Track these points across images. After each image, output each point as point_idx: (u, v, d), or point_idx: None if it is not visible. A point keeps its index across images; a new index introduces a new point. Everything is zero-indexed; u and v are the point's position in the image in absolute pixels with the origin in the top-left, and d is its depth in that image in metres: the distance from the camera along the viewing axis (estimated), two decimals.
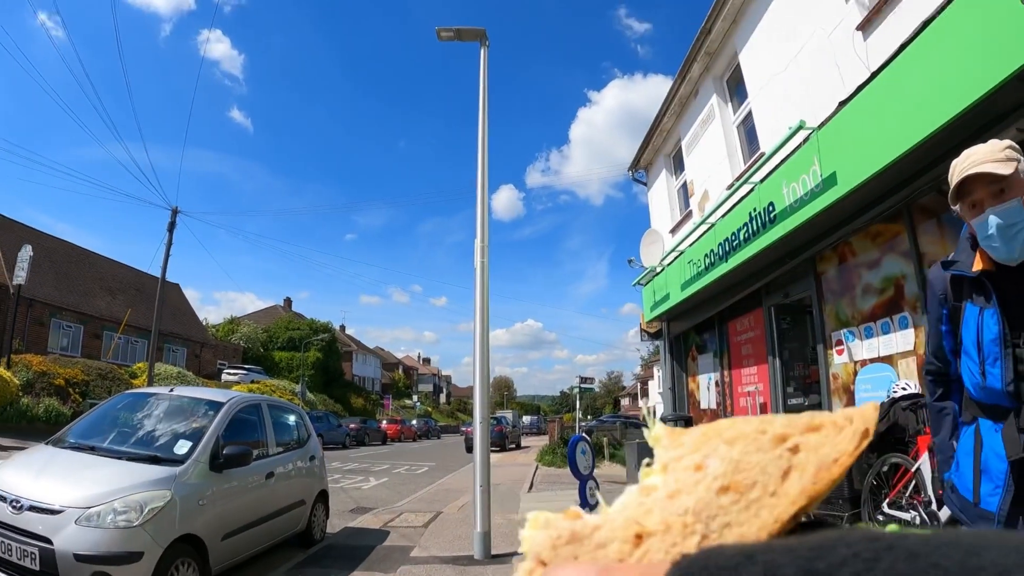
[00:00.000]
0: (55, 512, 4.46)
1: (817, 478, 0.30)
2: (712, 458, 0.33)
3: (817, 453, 0.31)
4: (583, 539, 0.31)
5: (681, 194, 14.83)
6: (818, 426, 0.33)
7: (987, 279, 2.10)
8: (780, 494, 0.30)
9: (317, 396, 47.52)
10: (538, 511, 0.35)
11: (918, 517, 5.41)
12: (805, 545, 0.24)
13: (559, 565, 0.29)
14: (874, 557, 0.22)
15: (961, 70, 5.19)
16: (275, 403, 7.78)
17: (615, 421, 37.18)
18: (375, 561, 6.86)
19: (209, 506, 5.38)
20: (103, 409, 6.40)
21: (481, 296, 7.51)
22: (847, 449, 0.31)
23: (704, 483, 0.32)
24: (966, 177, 2.08)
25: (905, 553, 0.22)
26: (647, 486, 0.34)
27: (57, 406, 20.17)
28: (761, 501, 0.30)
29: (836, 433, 0.32)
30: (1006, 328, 2.05)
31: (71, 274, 32.98)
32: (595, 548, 0.31)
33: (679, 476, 0.33)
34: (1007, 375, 2.03)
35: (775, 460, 0.32)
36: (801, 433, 0.33)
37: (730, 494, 0.31)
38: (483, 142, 8.15)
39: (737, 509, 0.30)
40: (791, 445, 0.32)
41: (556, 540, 0.31)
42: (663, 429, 0.37)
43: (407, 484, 15.64)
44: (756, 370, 11.00)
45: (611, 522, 0.32)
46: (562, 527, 0.32)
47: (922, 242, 6.82)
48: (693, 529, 0.30)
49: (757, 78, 10.15)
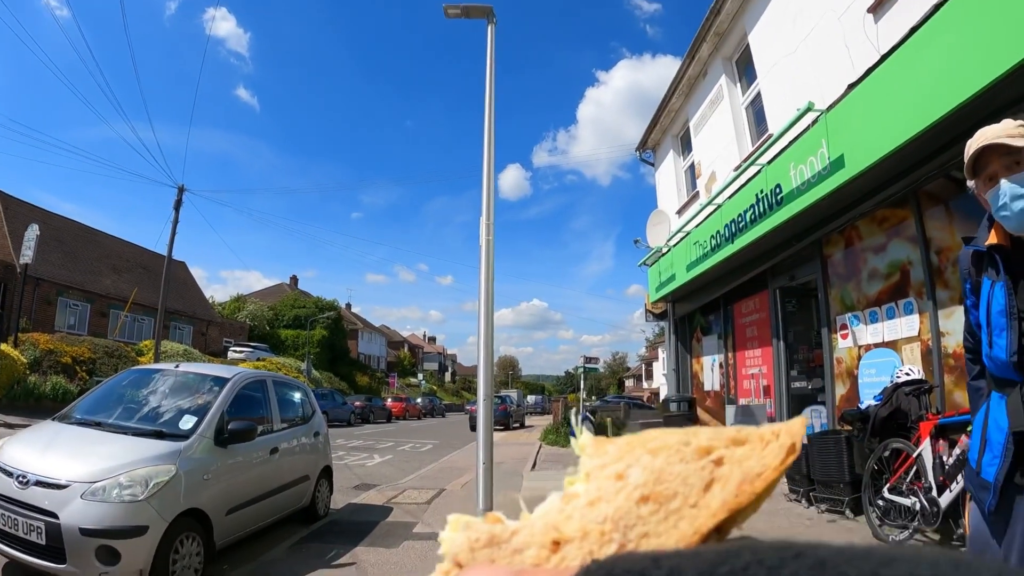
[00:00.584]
0: (61, 487, 4.50)
1: (740, 491, 0.30)
2: (635, 468, 0.33)
3: (741, 466, 0.31)
4: (501, 543, 0.32)
5: (688, 175, 14.77)
6: (744, 440, 0.33)
7: (998, 253, 2.16)
8: (701, 506, 0.30)
9: (323, 374, 47.70)
10: (458, 514, 0.35)
11: (918, 503, 5.42)
12: (712, 551, 0.24)
13: (473, 567, 0.29)
14: (779, 564, 0.22)
15: (972, 55, 5.14)
16: (280, 379, 7.80)
17: (619, 402, 37.30)
18: (378, 537, 6.91)
19: (213, 481, 5.42)
20: (109, 385, 6.44)
21: (486, 274, 7.50)
22: (772, 464, 0.31)
23: (625, 492, 0.32)
24: (982, 148, 2.14)
25: (813, 561, 0.22)
26: (569, 493, 0.34)
27: (64, 384, 20.24)
28: (681, 512, 0.30)
29: (762, 447, 0.32)
30: (1013, 300, 2.10)
31: (78, 253, 33.02)
32: (512, 553, 0.31)
33: (601, 484, 0.33)
34: (1012, 346, 2.08)
35: (698, 472, 0.32)
36: (726, 446, 0.33)
37: (650, 504, 0.31)
38: (489, 121, 8.10)
39: (656, 519, 0.30)
40: (715, 457, 0.32)
41: (474, 543, 0.32)
42: (588, 438, 0.37)
43: (411, 461, 15.73)
44: (760, 352, 11.00)
45: (530, 527, 0.32)
46: (481, 530, 0.32)
47: (929, 228, 6.79)
48: (611, 537, 0.30)
49: (766, 59, 10.07)
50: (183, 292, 40.68)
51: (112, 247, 37.45)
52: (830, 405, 8.70)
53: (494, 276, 7.69)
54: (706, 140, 13.02)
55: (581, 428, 0.39)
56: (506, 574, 0.27)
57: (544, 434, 22.78)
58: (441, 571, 0.32)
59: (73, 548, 4.31)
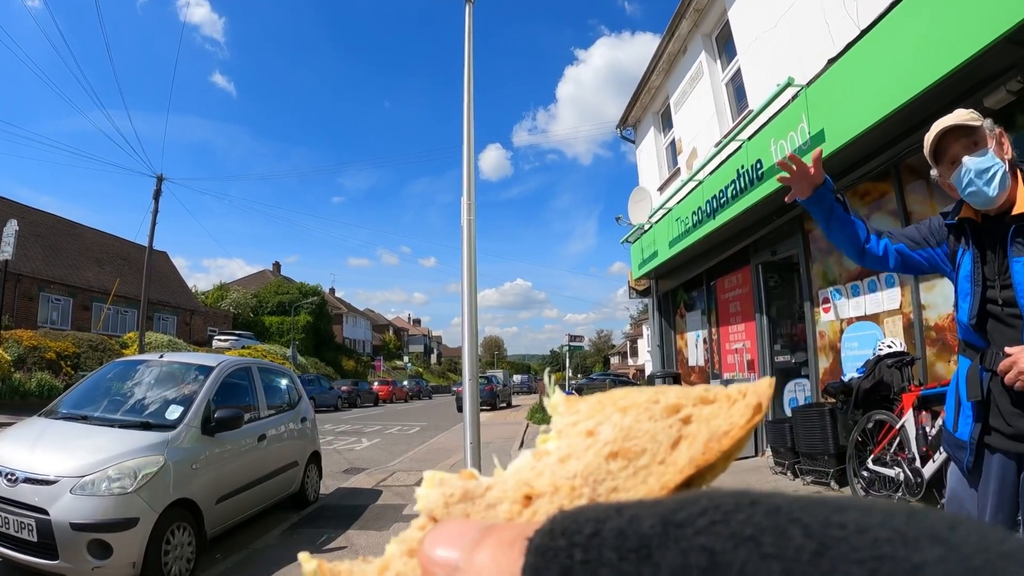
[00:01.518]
0: (50, 482, 4.48)
1: (707, 448, 0.31)
2: (605, 425, 0.33)
3: (708, 424, 0.32)
4: (475, 498, 0.32)
5: (669, 152, 14.77)
6: (712, 399, 0.34)
7: (969, 226, 2.28)
8: (668, 463, 0.31)
9: (308, 359, 47.59)
10: (434, 471, 0.35)
11: (902, 473, 5.51)
12: (671, 499, 0.25)
13: (447, 522, 0.30)
14: (734, 508, 0.23)
15: (951, 30, 5.15)
16: (265, 366, 7.79)
17: (605, 379, 37.53)
18: (368, 520, 6.95)
19: (202, 470, 5.42)
20: (94, 379, 6.40)
21: (468, 255, 7.49)
22: (739, 422, 0.32)
23: (594, 448, 0.32)
24: (943, 131, 2.26)
25: (768, 507, 0.22)
26: (541, 451, 0.35)
27: (49, 380, 20.11)
28: (649, 468, 0.31)
29: (729, 406, 0.33)
30: (979, 267, 2.22)
31: (58, 247, 32.66)
32: (486, 508, 0.32)
33: (571, 441, 0.34)
34: (972, 309, 2.20)
35: (666, 429, 0.32)
36: (694, 404, 0.33)
37: (619, 460, 0.31)
38: (468, 101, 8.06)
39: (625, 475, 0.31)
40: (683, 416, 0.33)
41: (449, 498, 0.32)
42: (560, 397, 0.38)
43: (399, 444, 15.78)
44: (744, 327, 11.07)
45: (503, 483, 0.33)
46: (456, 486, 0.33)
47: (909, 201, 6.83)
48: (581, 492, 0.31)
49: (746, 35, 10.05)
50: (165, 282, 40.40)
51: (92, 239, 37.06)
52: (814, 378, 8.79)
53: (477, 256, 7.70)
54: (687, 117, 13.01)
55: (554, 387, 0.39)
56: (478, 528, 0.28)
57: (531, 413, 22.87)
58: (416, 526, 0.32)
59: (65, 543, 4.30)
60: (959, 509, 2.26)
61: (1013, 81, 5.11)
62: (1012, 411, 2.08)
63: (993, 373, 2.11)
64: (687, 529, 0.22)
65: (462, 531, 0.28)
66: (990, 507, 2.13)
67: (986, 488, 2.15)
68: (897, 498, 5.63)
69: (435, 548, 0.28)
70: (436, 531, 0.29)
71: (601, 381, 33.46)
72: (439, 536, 0.28)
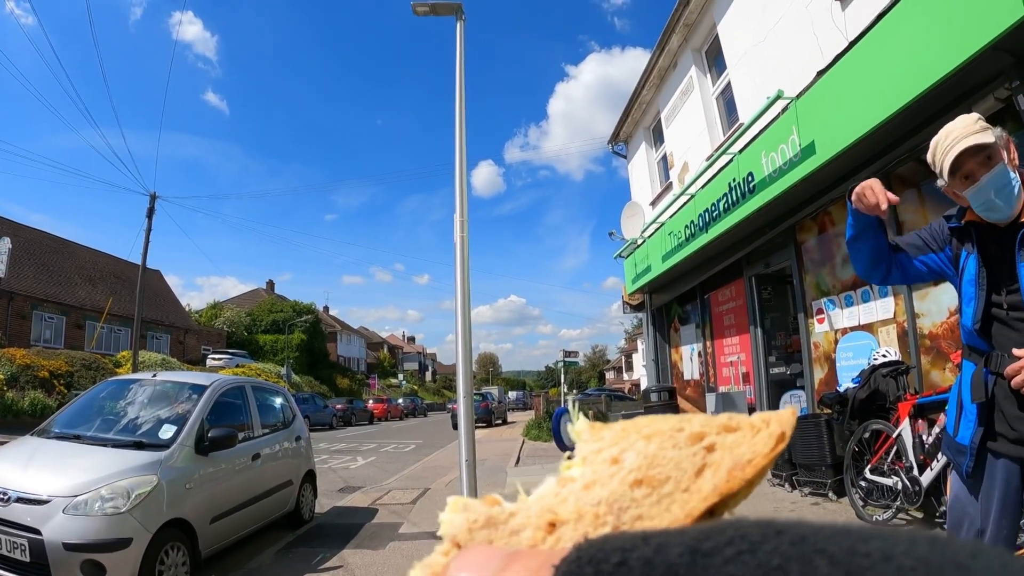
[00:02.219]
0: (42, 502, 4.43)
1: (731, 476, 0.31)
2: (629, 452, 0.34)
3: (732, 453, 0.32)
4: (499, 524, 0.32)
5: (661, 166, 14.84)
6: (735, 427, 0.34)
7: (974, 229, 2.27)
8: (693, 490, 0.31)
9: (303, 378, 47.41)
10: (457, 496, 0.36)
11: (900, 482, 5.50)
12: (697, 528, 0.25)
13: (471, 547, 0.30)
14: (761, 539, 0.23)
15: (938, 40, 5.20)
16: (259, 385, 7.76)
17: (600, 394, 37.42)
18: (364, 538, 6.90)
19: (196, 490, 5.37)
20: (87, 398, 6.36)
21: (461, 272, 7.50)
22: (762, 451, 0.32)
23: (619, 476, 0.33)
24: (961, 152, 2.19)
25: (793, 537, 0.23)
26: (565, 477, 0.35)
27: (42, 399, 20.00)
28: (673, 496, 0.31)
29: (753, 434, 0.33)
30: (983, 271, 2.20)
31: (51, 265, 32.56)
32: (510, 534, 0.32)
33: (596, 468, 0.34)
34: (976, 314, 2.19)
35: (690, 457, 0.32)
36: (718, 433, 0.34)
37: (643, 488, 0.32)
38: (460, 118, 8.09)
39: (649, 502, 0.31)
40: (707, 443, 0.33)
41: (473, 524, 0.33)
42: (584, 424, 0.38)
43: (394, 462, 15.69)
44: (738, 340, 11.09)
45: (527, 509, 0.33)
46: (479, 512, 0.33)
47: (901, 211, 6.86)
48: (605, 520, 0.31)
49: (736, 49, 10.13)
50: (159, 301, 40.27)
51: (85, 258, 36.97)
52: (809, 389, 8.79)
53: (470, 273, 7.71)
54: (678, 131, 13.07)
55: (578, 414, 0.40)
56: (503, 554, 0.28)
57: (527, 429, 22.81)
58: (440, 552, 0.32)
59: (58, 564, 4.25)
60: (962, 515, 2.25)
61: (1001, 88, 5.16)
62: (1018, 415, 2.07)
63: (998, 377, 2.11)
64: (715, 558, 0.22)
65: (487, 557, 0.28)
66: (994, 512, 2.12)
67: (990, 493, 2.14)
68: (895, 507, 5.62)
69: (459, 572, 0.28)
70: (461, 557, 0.29)
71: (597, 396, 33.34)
72: (464, 562, 0.29)
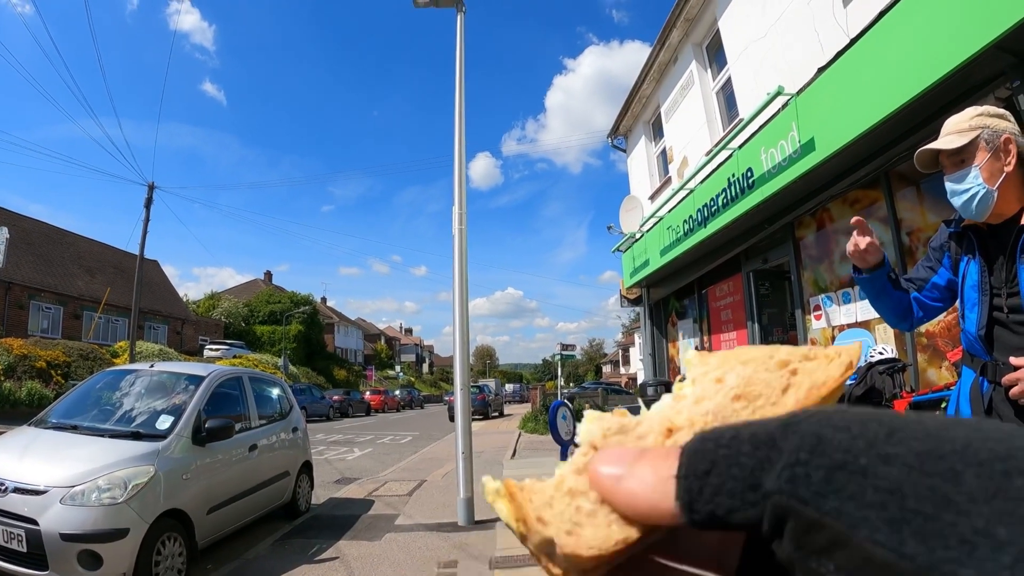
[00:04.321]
0: (40, 492, 4.44)
1: (808, 395, 0.37)
2: (730, 374, 0.40)
3: (811, 376, 0.38)
4: (628, 431, 0.39)
5: (660, 160, 14.83)
6: (814, 357, 0.40)
7: (974, 234, 2.27)
8: (779, 404, 0.37)
9: (300, 369, 47.42)
10: (593, 409, 0.43)
11: None
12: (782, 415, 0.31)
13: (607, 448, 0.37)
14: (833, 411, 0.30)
15: (940, 38, 5.19)
16: (256, 375, 7.77)
17: (597, 388, 37.45)
18: (360, 530, 6.92)
19: (193, 480, 5.38)
20: (84, 388, 6.36)
21: (459, 264, 7.51)
22: (834, 375, 0.38)
23: (722, 392, 0.39)
24: (918, 154, 2.31)
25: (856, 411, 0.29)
26: (679, 395, 0.41)
27: (40, 389, 19.98)
28: (764, 408, 0.38)
29: (827, 363, 0.39)
30: (986, 276, 2.21)
31: (49, 255, 32.51)
32: (637, 438, 0.38)
33: (704, 387, 0.41)
34: (981, 319, 2.20)
35: (778, 378, 0.39)
36: (800, 360, 0.40)
37: (742, 401, 0.38)
38: (460, 110, 8.09)
39: (746, 413, 0.38)
40: (791, 368, 0.39)
41: (607, 431, 0.39)
42: (694, 353, 0.44)
43: (391, 454, 15.72)
44: (735, 335, 11.10)
45: (649, 420, 0.39)
46: (612, 422, 0.40)
47: (900, 208, 6.87)
48: (712, 426, 0.37)
49: (736, 44, 10.11)
50: (156, 291, 40.24)
51: (83, 248, 36.91)
52: None
53: (468, 265, 7.71)
54: (677, 126, 13.06)
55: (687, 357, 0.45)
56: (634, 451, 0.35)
57: (523, 422, 22.85)
58: (581, 453, 0.38)
59: (55, 554, 4.26)
60: None
61: (1002, 88, 5.16)
62: (1014, 420, 2.07)
63: (996, 384, 2.12)
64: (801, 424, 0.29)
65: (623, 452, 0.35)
66: None
67: None
68: None
69: (602, 465, 0.35)
70: (602, 453, 0.36)
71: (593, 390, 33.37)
72: (605, 456, 0.35)
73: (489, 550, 5.88)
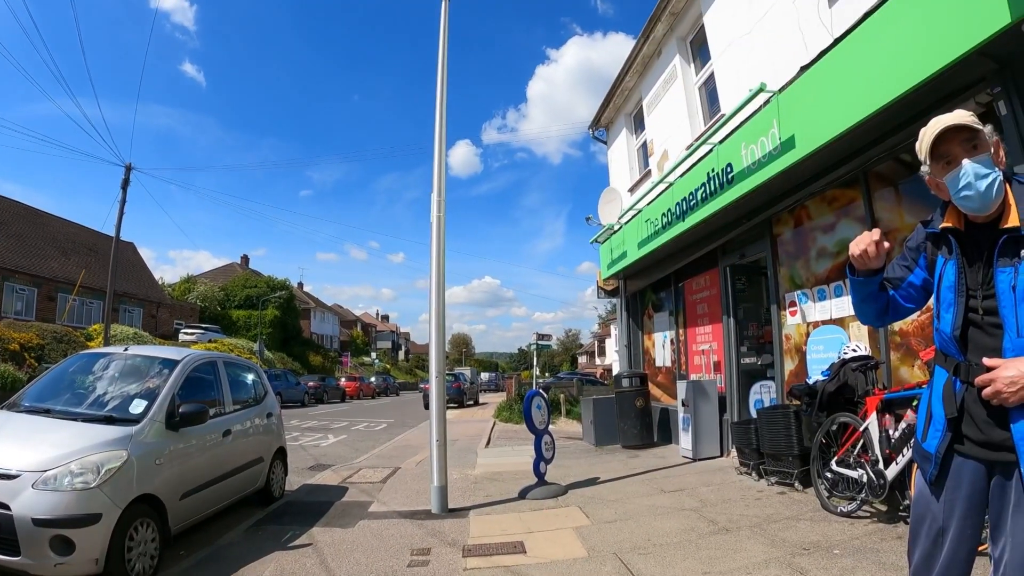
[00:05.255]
0: (11, 477, 4.37)
1: None
2: None
3: None
4: None
5: (641, 153, 14.86)
6: None
7: (952, 235, 2.27)
8: None
9: (275, 354, 47.22)
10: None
11: (865, 475, 5.60)
12: None
13: None
14: None
15: (923, 42, 5.23)
16: (231, 360, 7.72)
17: (572, 378, 37.64)
18: (334, 516, 6.91)
19: (166, 465, 5.34)
20: (57, 371, 6.28)
21: (437, 251, 7.50)
22: None
23: None
24: (946, 128, 2.19)
25: None
26: None
27: (13, 372, 19.69)
28: None
29: None
30: (963, 277, 2.22)
31: (23, 235, 32.04)
32: None
33: None
34: (956, 320, 2.21)
35: None
36: None
37: None
38: (442, 96, 8.04)
39: None
40: None
41: None
42: None
43: (366, 441, 15.71)
44: (711, 329, 11.18)
45: None
46: None
47: (877, 208, 6.94)
48: None
49: (721, 40, 10.13)
50: (132, 274, 39.81)
51: (59, 229, 36.41)
52: (779, 380, 8.90)
53: (445, 253, 7.70)
54: (659, 119, 13.08)
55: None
56: None
57: (498, 411, 22.92)
58: None
59: (27, 539, 4.20)
60: (925, 511, 2.30)
61: (983, 94, 5.22)
62: (986, 421, 2.11)
63: (969, 385, 2.15)
64: None
65: None
66: (959, 511, 2.17)
67: (956, 493, 2.18)
68: (860, 499, 5.73)
69: None
70: None
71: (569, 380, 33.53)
72: None
73: (462, 538, 5.91)
